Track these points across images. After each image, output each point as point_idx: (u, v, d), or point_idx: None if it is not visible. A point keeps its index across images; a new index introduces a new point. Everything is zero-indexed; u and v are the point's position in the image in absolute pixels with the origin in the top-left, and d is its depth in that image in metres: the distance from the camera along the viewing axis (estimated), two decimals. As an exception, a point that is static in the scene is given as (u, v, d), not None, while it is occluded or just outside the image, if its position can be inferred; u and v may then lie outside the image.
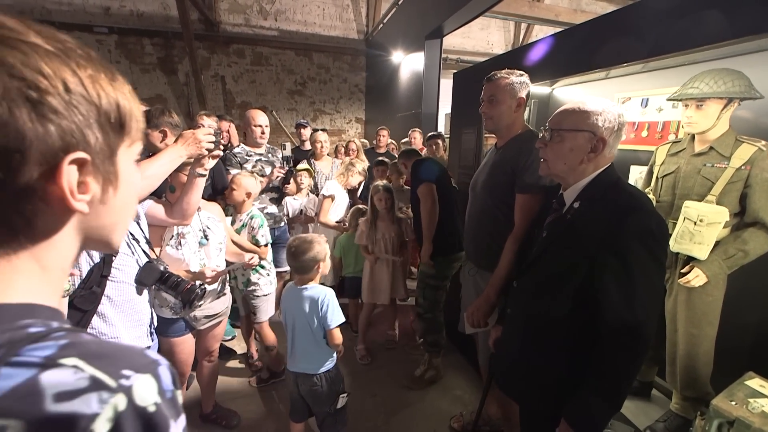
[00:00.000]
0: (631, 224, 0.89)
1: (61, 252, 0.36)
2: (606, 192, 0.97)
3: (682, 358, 1.64)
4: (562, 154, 1.01)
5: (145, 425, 0.30)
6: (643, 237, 0.88)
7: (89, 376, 0.28)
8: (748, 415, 1.25)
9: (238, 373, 2.37)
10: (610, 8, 6.80)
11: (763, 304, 1.64)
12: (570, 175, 1.02)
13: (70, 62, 0.33)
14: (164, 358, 0.36)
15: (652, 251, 0.90)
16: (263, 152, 2.51)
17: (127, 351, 0.33)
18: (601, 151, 0.97)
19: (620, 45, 1.54)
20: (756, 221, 1.42)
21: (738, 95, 1.40)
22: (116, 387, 0.29)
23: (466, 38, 7.06)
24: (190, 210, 1.37)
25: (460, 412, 2.04)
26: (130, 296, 1.26)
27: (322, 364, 1.53)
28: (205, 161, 1.29)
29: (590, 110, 0.97)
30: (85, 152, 0.33)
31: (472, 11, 3.40)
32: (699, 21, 1.26)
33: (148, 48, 5.58)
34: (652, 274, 0.91)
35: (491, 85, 1.49)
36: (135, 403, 0.30)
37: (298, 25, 6.33)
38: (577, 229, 0.98)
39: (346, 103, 6.94)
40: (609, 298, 0.91)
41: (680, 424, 1.70)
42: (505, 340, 1.28)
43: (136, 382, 0.30)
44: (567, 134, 0.99)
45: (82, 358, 0.29)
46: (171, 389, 0.33)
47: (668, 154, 1.67)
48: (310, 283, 1.53)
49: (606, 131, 0.96)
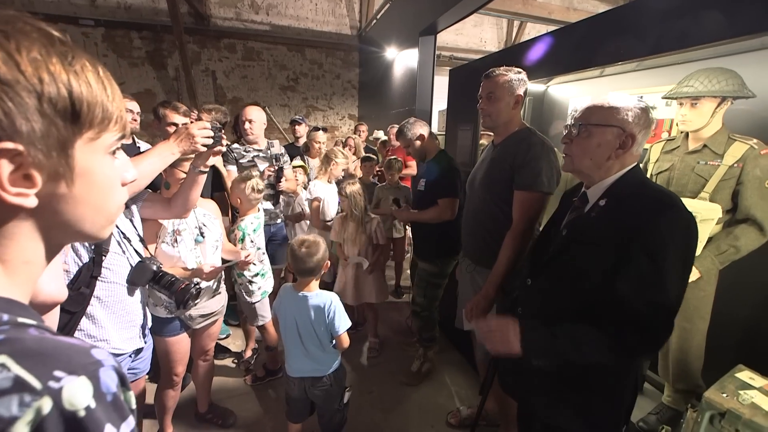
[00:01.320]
0: (666, 221, 0.86)
1: (19, 244, 0.35)
2: (635, 189, 0.94)
3: (674, 351, 1.67)
4: (589, 150, 0.97)
5: (72, 430, 0.28)
6: (677, 235, 0.85)
7: (14, 376, 0.27)
8: (739, 406, 1.29)
9: (233, 372, 2.34)
10: (601, 6, 6.90)
11: (752, 300, 1.68)
12: (595, 171, 0.99)
13: (7, 44, 0.30)
14: (112, 358, 0.34)
15: (684, 251, 0.87)
16: (262, 148, 2.48)
17: (66, 350, 0.31)
18: (629, 148, 0.94)
19: (615, 43, 1.56)
20: (747, 218, 1.45)
21: (731, 94, 1.43)
22: (41, 389, 0.27)
23: (459, 35, 7.06)
24: (189, 205, 1.34)
25: (456, 407, 2.06)
26: (121, 297, 1.23)
27: (330, 365, 1.53)
28: (205, 157, 1.23)
29: (620, 106, 0.94)
30: (15, 143, 0.30)
31: (466, 8, 3.40)
32: (693, 21, 1.28)
33: (137, 42, 5.45)
34: (679, 276, 0.88)
35: (490, 82, 1.48)
36: (62, 406, 0.28)
37: (291, 20, 6.24)
38: (603, 226, 0.94)
39: (339, 100, 6.89)
40: (630, 293, 0.88)
41: (672, 416, 1.74)
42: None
43: (67, 384, 0.28)
44: (595, 129, 0.96)
45: (11, 356, 0.28)
46: (113, 392, 0.31)
47: (662, 151, 1.70)
48: (311, 287, 1.50)
49: (636, 127, 0.93)
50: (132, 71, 5.50)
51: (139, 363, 1.39)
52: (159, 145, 1.18)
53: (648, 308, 0.86)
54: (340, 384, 1.56)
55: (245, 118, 2.38)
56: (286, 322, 1.52)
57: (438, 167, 2.09)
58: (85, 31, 5.13)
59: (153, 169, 1.15)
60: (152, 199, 1.39)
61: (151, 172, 1.15)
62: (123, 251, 1.24)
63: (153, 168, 1.15)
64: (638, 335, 0.88)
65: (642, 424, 1.77)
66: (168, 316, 1.50)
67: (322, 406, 1.58)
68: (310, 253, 1.43)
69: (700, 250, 1.50)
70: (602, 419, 1.05)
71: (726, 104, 1.47)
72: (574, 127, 1.00)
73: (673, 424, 1.68)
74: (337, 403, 1.55)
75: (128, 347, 1.26)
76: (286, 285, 1.58)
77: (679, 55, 1.62)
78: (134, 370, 1.38)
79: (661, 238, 0.85)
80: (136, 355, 1.35)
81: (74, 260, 1.12)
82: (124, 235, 1.25)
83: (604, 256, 0.92)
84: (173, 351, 1.55)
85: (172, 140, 1.17)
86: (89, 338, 1.15)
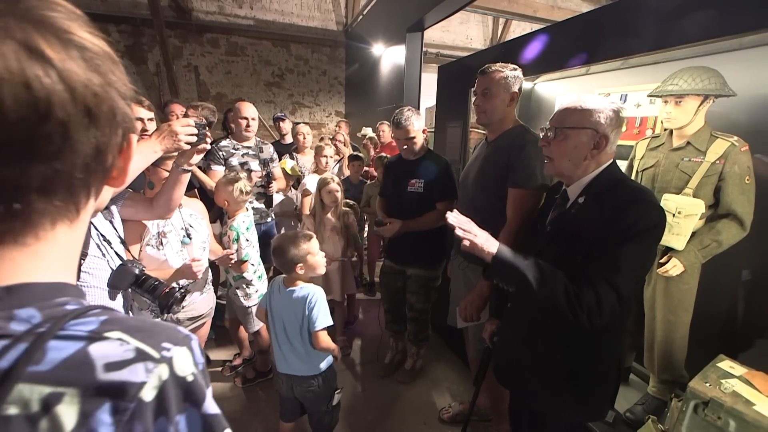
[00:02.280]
0: (630, 217, 0.91)
1: (82, 232, 0.37)
2: (611, 187, 1.00)
3: (659, 343, 1.72)
4: (566, 152, 1.02)
5: (186, 392, 0.32)
6: (641, 231, 0.91)
7: (134, 347, 0.31)
8: (721, 395, 1.33)
9: (222, 375, 2.29)
10: (584, 5, 7.00)
11: (731, 292, 1.74)
12: (574, 172, 1.05)
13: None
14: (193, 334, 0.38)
15: (648, 246, 0.92)
16: (251, 145, 2.42)
17: (163, 326, 0.35)
18: (603, 148, 0.99)
19: (601, 42, 1.58)
20: (729, 213, 1.50)
21: (714, 92, 1.46)
22: (159, 358, 0.31)
23: (445, 32, 7.07)
24: (172, 205, 1.29)
25: (449, 403, 2.07)
26: (102, 302, 1.17)
27: (318, 365, 1.50)
28: (189, 155, 1.19)
29: (592, 108, 0.99)
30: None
31: (453, 5, 3.40)
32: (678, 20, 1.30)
33: (115, 35, 5.25)
34: (639, 269, 0.94)
35: (485, 78, 1.48)
36: (176, 373, 0.32)
37: (275, 14, 6.13)
38: (582, 221, 1.00)
39: (326, 96, 6.82)
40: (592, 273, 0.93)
41: (657, 405, 1.79)
42: (505, 333, 1.30)
43: (175, 354, 0.32)
44: (571, 132, 1.01)
45: (125, 331, 0.31)
46: (202, 362, 0.36)
47: (648, 148, 1.73)
48: (298, 283, 1.49)
49: (608, 128, 0.98)
50: (110, 66, 5.31)
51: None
52: (140, 142, 1.13)
53: (603, 287, 0.91)
54: (329, 385, 1.53)
55: (243, 116, 2.31)
56: (274, 318, 1.50)
57: (436, 167, 1.98)
58: (58, 23, 4.91)
59: (136, 167, 1.10)
60: (133, 199, 1.33)
61: (132, 171, 1.10)
62: (103, 254, 1.19)
63: (135, 166, 1.10)
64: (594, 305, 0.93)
65: (628, 414, 1.81)
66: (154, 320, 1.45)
67: (310, 407, 1.56)
68: (282, 249, 1.43)
69: (684, 245, 1.54)
70: (588, 406, 1.11)
71: (709, 102, 1.51)
72: (550, 130, 1.05)
73: (658, 413, 1.73)
74: (325, 404, 1.53)
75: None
76: (277, 278, 1.55)
77: (663, 54, 1.65)
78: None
79: (627, 228, 0.91)
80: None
81: None
82: (104, 238, 1.20)
83: (582, 248, 0.98)
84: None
85: (154, 138, 1.12)
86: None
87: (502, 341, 1.32)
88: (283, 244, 1.46)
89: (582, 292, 0.92)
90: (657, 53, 1.52)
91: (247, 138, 2.38)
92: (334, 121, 6.94)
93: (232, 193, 1.84)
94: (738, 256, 1.60)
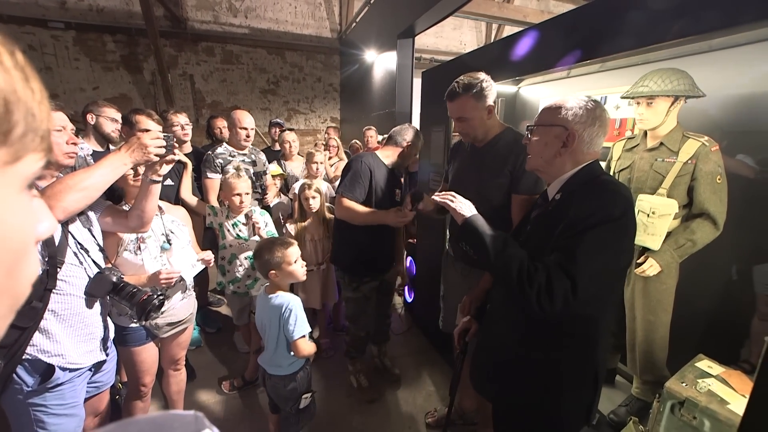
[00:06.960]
0: (591, 206, 0.90)
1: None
2: (585, 182, 0.98)
3: (640, 344, 1.72)
4: (539, 149, 1.03)
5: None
6: (602, 221, 0.89)
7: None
8: (696, 395, 1.33)
9: (207, 382, 2.29)
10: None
11: (711, 292, 1.74)
12: (548, 169, 1.04)
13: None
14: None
15: (610, 237, 0.89)
16: (246, 153, 2.50)
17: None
18: (572, 145, 0.98)
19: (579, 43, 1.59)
20: (702, 212, 1.51)
21: (683, 93, 1.48)
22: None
23: (439, 38, 7.13)
24: (146, 217, 1.30)
25: (434, 407, 2.06)
26: (79, 309, 1.19)
27: (287, 367, 1.51)
28: (158, 167, 1.22)
29: (561, 105, 0.99)
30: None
31: (442, 11, 3.43)
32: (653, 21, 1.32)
33: (110, 45, 5.32)
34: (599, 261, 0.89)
35: (454, 104, 1.45)
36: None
37: (270, 23, 6.20)
38: (556, 216, 0.99)
39: (321, 103, 6.87)
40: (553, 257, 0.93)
41: (641, 407, 1.79)
42: (483, 338, 1.27)
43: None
44: (542, 129, 1.02)
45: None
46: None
47: (624, 149, 1.75)
48: (277, 291, 1.51)
49: (578, 126, 0.97)
50: (106, 75, 5.37)
51: (102, 376, 1.35)
52: (110, 155, 1.15)
53: (556, 272, 0.89)
54: (295, 388, 1.52)
55: (242, 126, 2.37)
56: (258, 321, 1.59)
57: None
58: (54, 34, 4.98)
59: (105, 180, 1.12)
60: (111, 210, 1.35)
61: (104, 184, 1.12)
62: (80, 262, 1.20)
63: (105, 179, 1.12)
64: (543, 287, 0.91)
65: (612, 416, 1.81)
66: (133, 326, 1.47)
67: (278, 403, 1.60)
68: (259, 254, 1.49)
69: (659, 245, 1.55)
70: (561, 414, 1.07)
71: (679, 103, 1.52)
72: (528, 129, 1.07)
73: (641, 415, 1.72)
74: (290, 406, 1.53)
75: (87, 361, 1.22)
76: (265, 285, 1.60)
77: (637, 57, 1.67)
78: (97, 384, 1.34)
79: (586, 216, 0.90)
80: (98, 368, 1.31)
81: None
82: (81, 246, 1.22)
83: (545, 247, 0.98)
84: (139, 361, 1.51)
85: (124, 150, 1.15)
86: (43, 353, 1.11)
87: (481, 346, 1.29)
88: (260, 249, 1.49)
89: (536, 272, 0.91)
90: (630, 55, 1.53)
91: (243, 147, 2.46)
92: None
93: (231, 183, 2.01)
94: (716, 256, 1.61)
